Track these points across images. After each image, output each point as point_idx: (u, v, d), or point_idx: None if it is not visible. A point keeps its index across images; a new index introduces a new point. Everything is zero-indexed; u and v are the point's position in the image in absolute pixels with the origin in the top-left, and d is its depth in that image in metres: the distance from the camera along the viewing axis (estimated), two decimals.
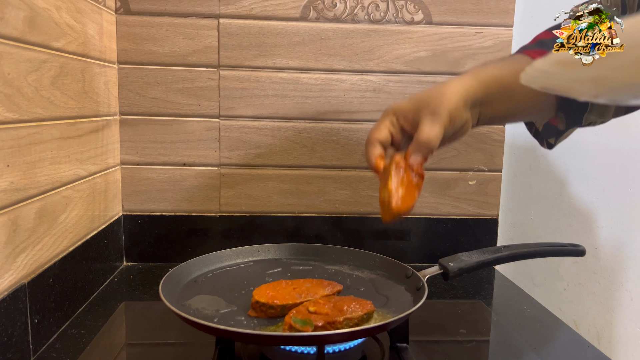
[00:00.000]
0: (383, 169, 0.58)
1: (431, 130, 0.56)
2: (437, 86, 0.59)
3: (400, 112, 0.59)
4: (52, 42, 0.66)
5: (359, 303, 0.56)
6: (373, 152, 0.59)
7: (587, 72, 0.37)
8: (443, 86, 0.59)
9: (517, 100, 0.62)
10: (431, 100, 0.57)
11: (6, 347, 0.55)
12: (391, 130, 0.60)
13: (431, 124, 0.56)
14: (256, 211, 0.97)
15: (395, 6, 0.93)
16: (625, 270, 1.05)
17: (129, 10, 0.90)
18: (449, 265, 0.66)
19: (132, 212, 0.95)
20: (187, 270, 0.70)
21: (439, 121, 0.56)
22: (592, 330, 1.07)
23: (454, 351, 0.69)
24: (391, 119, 0.59)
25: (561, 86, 0.43)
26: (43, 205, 0.64)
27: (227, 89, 0.93)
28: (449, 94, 0.57)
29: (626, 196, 1.04)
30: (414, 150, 0.57)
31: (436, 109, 0.56)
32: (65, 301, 0.70)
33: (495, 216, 1.01)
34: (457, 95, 0.57)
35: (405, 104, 0.59)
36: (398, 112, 0.59)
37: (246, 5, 0.92)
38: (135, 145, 0.94)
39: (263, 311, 0.59)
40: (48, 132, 0.65)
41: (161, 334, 0.71)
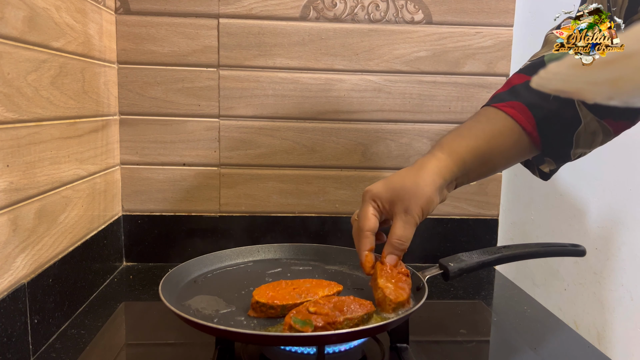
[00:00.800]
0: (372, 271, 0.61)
1: (404, 232, 0.58)
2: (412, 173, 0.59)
3: (378, 199, 0.60)
4: (51, 42, 0.66)
5: (360, 303, 0.56)
6: (365, 246, 0.60)
7: (604, 74, 0.37)
8: (418, 173, 0.59)
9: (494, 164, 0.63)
10: (405, 194, 0.58)
11: (6, 347, 0.55)
12: (376, 216, 0.61)
13: (403, 225, 0.58)
14: (256, 211, 0.97)
15: (395, 6, 0.93)
16: (625, 270, 1.05)
17: (129, 10, 0.90)
18: (449, 265, 0.66)
19: (131, 212, 0.95)
20: (187, 270, 0.70)
21: (412, 222, 0.58)
22: (592, 330, 1.07)
23: (454, 351, 0.68)
24: (373, 205, 0.61)
25: (575, 89, 0.43)
26: (43, 205, 0.64)
27: (227, 89, 0.93)
28: (423, 187, 0.58)
29: (626, 196, 1.04)
30: (388, 252, 0.60)
31: (409, 208, 0.58)
32: (65, 301, 0.70)
33: (495, 216, 1.01)
34: (431, 188, 0.58)
35: (382, 193, 0.60)
36: (376, 199, 0.60)
37: (246, 5, 0.91)
38: (135, 145, 0.94)
39: (263, 311, 0.59)
40: (48, 132, 0.65)
41: (161, 334, 0.70)
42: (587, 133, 0.62)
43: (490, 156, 0.61)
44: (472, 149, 0.60)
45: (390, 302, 0.57)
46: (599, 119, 0.61)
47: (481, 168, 0.62)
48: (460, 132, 0.63)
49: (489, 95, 0.98)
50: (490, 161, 0.62)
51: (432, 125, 0.97)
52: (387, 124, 0.97)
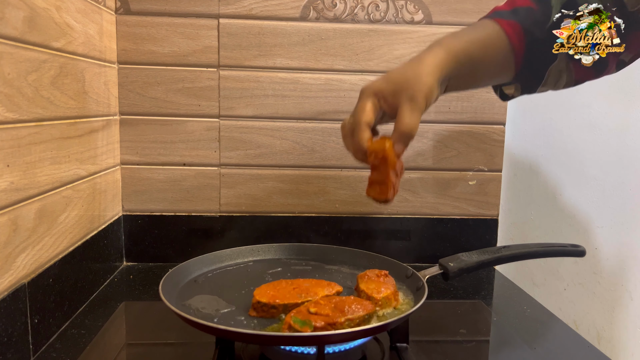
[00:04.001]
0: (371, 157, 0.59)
1: (411, 119, 0.57)
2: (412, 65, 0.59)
3: (379, 93, 0.60)
4: (52, 42, 0.66)
5: (360, 303, 0.56)
6: (364, 137, 0.59)
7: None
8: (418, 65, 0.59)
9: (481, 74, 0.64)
10: (408, 83, 0.58)
11: (6, 347, 0.55)
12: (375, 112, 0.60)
13: (411, 112, 0.57)
14: (256, 211, 0.97)
15: (395, 6, 0.93)
16: (625, 270, 1.05)
17: (129, 10, 0.90)
18: (449, 265, 0.66)
19: (132, 212, 0.95)
20: (187, 270, 0.70)
21: (418, 109, 0.58)
22: (592, 330, 1.07)
23: (454, 351, 0.69)
24: (373, 100, 0.60)
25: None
26: (43, 205, 0.64)
27: (227, 89, 0.93)
28: (424, 76, 0.58)
29: (626, 196, 1.04)
30: (396, 140, 0.58)
31: (414, 95, 0.57)
32: (65, 301, 0.70)
33: (495, 216, 1.01)
34: (432, 77, 0.58)
35: (383, 86, 0.59)
36: (378, 94, 0.60)
37: (246, 5, 0.91)
38: (135, 145, 0.94)
39: (265, 311, 0.59)
40: (48, 132, 0.65)
41: (161, 334, 0.71)
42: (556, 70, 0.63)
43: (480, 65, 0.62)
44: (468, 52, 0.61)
45: (376, 300, 0.59)
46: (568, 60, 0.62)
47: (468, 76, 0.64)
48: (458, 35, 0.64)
49: (489, 95, 0.98)
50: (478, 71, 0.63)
51: (432, 126, 0.97)
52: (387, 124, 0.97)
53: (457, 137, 0.98)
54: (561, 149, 1.08)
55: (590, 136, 1.04)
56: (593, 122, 1.05)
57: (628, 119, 1.02)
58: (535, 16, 0.61)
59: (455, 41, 0.62)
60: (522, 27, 0.61)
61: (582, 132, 1.06)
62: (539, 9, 0.61)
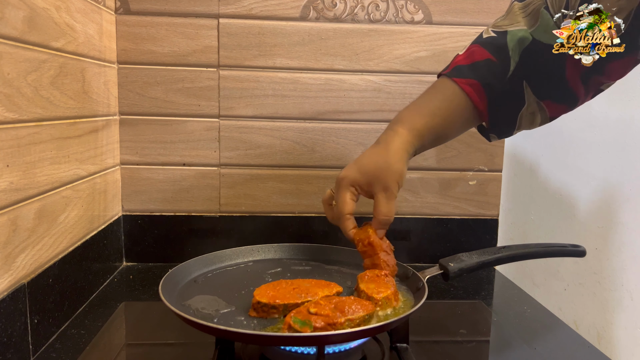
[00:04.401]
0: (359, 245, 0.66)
1: (387, 207, 0.64)
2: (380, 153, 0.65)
3: (356, 184, 0.66)
4: (51, 42, 0.66)
5: (360, 304, 0.56)
6: (348, 226, 0.67)
7: None
8: (386, 153, 0.64)
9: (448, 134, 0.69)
10: (381, 174, 0.64)
11: (6, 347, 0.55)
12: (354, 201, 0.67)
13: (386, 201, 0.64)
14: (256, 211, 0.97)
15: (395, 6, 0.93)
16: (625, 270, 1.05)
17: (129, 10, 0.90)
18: (449, 265, 0.66)
19: (131, 212, 0.95)
20: (187, 270, 0.70)
21: (392, 196, 0.64)
22: (592, 330, 1.07)
23: (454, 351, 0.69)
24: (351, 190, 0.66)
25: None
26: (43, 205, 0.64)
27: (227, 89, 0.93)
28: (394, 164, 0.64)
29: (626, 196, 1.04)
30: (377, 227, 0.65)
31: (387, 185, 0.64)
32: (65, 301, 0.70)
33: (495, 216, 1.01)
34: (401, 163, 0.64)
35: (357, 177, 0.65)
36: (354, 184, 0.66)
37: (246, 5, 0.91)
38: (135, 145, 0.94)
39: (265, 311, 0.59)
40: (47, 132, 0.65)
41: (161, 334, 0.71)
42: (528, 113, 0.66)
43: (444, 131, 0.68)
44: (430, 127, 0.66)
45: (376, 300, 0.59)
46: (539, 100, 0.64)
47: (435, 142, 0.69)
48: (418, 109, 0.67)
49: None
50: (444, 135, 0.69)
51: None
52: (387, 124, 0.96)
53: (457, 137, 0.98)
54: (561, 149, 1.08)
55: (590, 136, 1.04)
56: (593, 122, 1.05)
57: (628, 118, 1.02)
58: (495, 69, 0.64)
59: (417, 118, 0.66)
60: (481, 84, 0.64)
61: (582, 132, 1.06)
62: (498, 60, 0.62)
